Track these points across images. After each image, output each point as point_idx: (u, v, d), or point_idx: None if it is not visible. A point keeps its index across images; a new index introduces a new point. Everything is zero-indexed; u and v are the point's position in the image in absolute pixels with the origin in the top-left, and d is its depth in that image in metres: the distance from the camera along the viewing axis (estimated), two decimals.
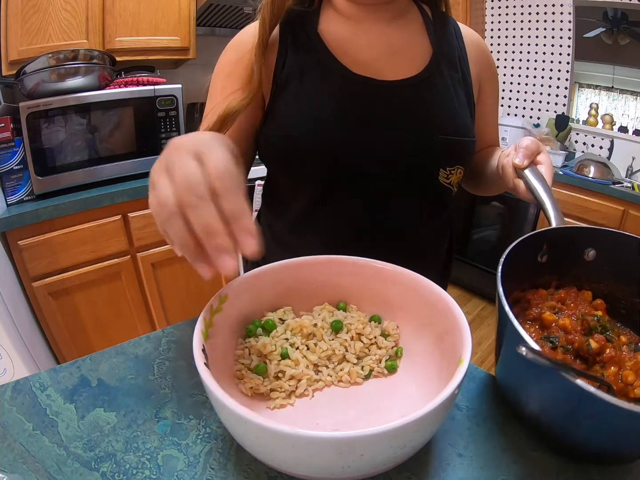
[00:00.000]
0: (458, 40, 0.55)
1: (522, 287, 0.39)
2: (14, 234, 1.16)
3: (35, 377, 0.40)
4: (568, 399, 0.27)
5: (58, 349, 1.33)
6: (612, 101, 1.94)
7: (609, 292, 0.39)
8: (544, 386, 0.29)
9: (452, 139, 0.51)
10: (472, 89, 0.55)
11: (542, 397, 0.30)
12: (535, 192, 0.43)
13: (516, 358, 0.30)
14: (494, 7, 2.26)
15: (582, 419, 0.28)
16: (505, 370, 0.35)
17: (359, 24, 0.52)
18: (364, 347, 0.38)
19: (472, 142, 0.54)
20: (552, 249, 0.39)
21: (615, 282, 0.39)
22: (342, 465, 0.25)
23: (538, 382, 0.29)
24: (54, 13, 1.27)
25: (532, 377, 0.29)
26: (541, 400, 0.31)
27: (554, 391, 0.28)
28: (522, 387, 0.32)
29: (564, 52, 2.04)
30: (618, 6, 1.77)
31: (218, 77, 0.54)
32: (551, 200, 0.42)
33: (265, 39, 0.48)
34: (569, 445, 0.31)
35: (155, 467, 0.31)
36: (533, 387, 0.31)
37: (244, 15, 1.65)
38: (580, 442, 0.30)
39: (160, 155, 0.31)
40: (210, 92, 0.54)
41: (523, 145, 0.45)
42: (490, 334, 1.91)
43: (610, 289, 0.39)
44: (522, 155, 0.45)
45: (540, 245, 0.39)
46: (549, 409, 0.30)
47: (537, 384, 0.29)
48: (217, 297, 0.35)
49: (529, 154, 0.45)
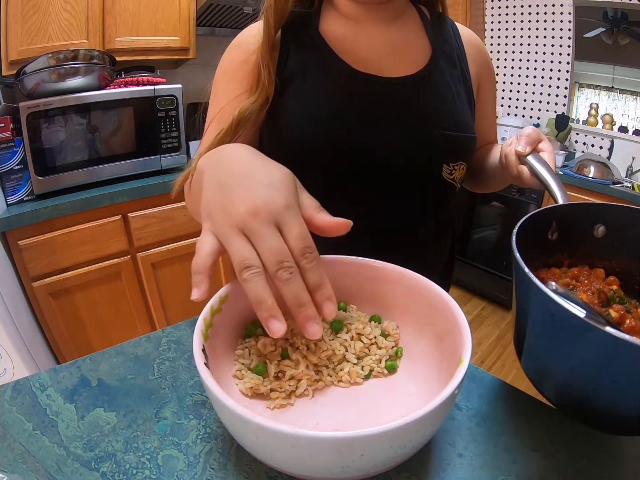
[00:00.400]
0: (456, 39, 0.56)
1: (535, 267, 0.38)
2: (14, 234, 1.16)
3: (35, 377, 0.40)
4: (599, 351, 0.26)
5: (58, 349, 1.33)
6: (612, 101, 1.94)
7: (621, 269, 0.38)
8: (574, 343, 0.27)
9: (453, 135, 0.51)
10: (472, 86, 0.56)
11: (571, 356, 0.29)
12: (540, 175, 0.43)
13: (544, 321, 0.29)
14: (494, 7, 2.26)
15: (614, 373, 0.26)
16: (534, 339, 0.33)
17: (359, 24, 0.53)
18: (364, 347, 0.38)
19: (472, 139, 0.54)
20: (561, 226, 0.39)
21: (627, 258, 0.38)
22: (342, 465, 0.25)
23: (567, 340, 0.28)
24: (54, 13, 1.27)
25: (561, 334, 0.28)
26: (571, 361, 0.29)
27: (584, 346, 0.27)
28: (550, 350, 0.30)
29: (564, 52, 2.04)
30: (618, 6, 1.77)
31: (222, 79, 0.53)
32: (556, 181, 0.42)
33: (270, 40, 0.49)
34: (597, 411, 0.30)
35: (155, 467, 0.31)
36: (562, 347, 0.29)
37: (244, 15, 1.65)
38: (608, 405, 0.28)
39: (218, 197, 0.33)
40: (215, 94, 0.54)
41: (525, 134, 0.46)
42: (490, 334, 1.91)
43: (622, 265, 0.39)
44: (524, 142, 0.45)
45: (550, 222, 0.38)
46: (579, 369, 0.29)
47: (567, 343, 0.28)
48: (217, 297, 0.35)
49: (530, 142, 0.46)
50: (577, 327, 0.26)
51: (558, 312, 0.26)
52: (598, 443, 0.33)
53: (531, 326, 0.32)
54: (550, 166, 0.44)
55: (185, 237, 1.49)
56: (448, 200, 0.58)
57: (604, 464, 0.31)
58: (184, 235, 1.49)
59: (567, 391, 0.31)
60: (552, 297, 0.26)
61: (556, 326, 0.27)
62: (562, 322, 0.26)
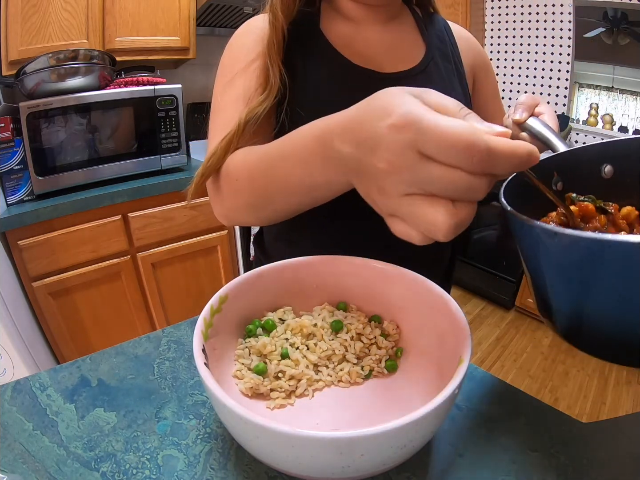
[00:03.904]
0: (448, 35, 0.59)
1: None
2: (14, 234, 1.16)
3: (35, 377, 0.40)
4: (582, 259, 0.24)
5: (58, 349, 1.33)
6: (612, 101, 1.94)
7: (638, 206, 0.36)
8: (545, 254, 0.27)
9: None
10: (466, 78, 0.59)
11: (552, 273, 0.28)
12: (540, 135, 0.41)
13: (536, 251, 0.28)
14: (494, 7, 2.26)
15: (603, 282, 0.25)
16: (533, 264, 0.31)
17: (358, 24, 0.55)
18: (364, 347, 0.38)
19: None
20: (564, 174, 0.36)
21: None
22: (342, 465, 0.25)
23: (559, 256, 0.26)
24: (54, 13, 1.27)
25: (550, 253, 0.27)
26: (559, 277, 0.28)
27: (550, 254, 0.26)
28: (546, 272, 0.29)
29: (564, 52, 2.03)
30: (618, 6, 1.77)
31: (235, 63, 0.51)
32: (556, 135, 0.40)
33: (278, 39, 0.48)
34: (588, 332, 0.28)
35: (155, 467, 0.31)
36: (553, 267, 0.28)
37: (244, 15, 1.65)
38: (601, 324, 0.27)
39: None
40: (222, 85, 0.52)
41: (520, 102, 0.45)
42: (490, 334, 1.91)
43: (639, 201, 0.35)
44: (520, 110, 0.45)
45: (551, 173, 0.36)
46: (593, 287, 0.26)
47: (558, 260, 0.26)
48: (217, 297, 0.35)
49: (526, 108, 0.45)
50: (535, 236, 0.26)
51: (531, 232, 0.26)
52: (598, 443, 0.33)
53: (536, 265, 0.30)
54: (549, 125, 0.42)
55: (185, 237, 1.49)
56: None
57: (604, 464, 0.31)
58: (184, 235, 1.48)
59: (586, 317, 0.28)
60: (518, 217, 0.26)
61: (540, 249, 0.27)
62: (538, 240, 0.26)
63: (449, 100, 0.24)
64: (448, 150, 0.22)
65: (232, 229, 1.59)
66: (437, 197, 0.24)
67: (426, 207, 0.24)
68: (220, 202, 0.48)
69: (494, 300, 2.13)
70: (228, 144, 0.45)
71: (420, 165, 0.23)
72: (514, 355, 1.76)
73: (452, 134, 0.22)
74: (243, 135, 0.45)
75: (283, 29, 0.49)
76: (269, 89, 0.48)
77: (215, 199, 0.48)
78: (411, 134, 0.23)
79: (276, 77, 0.48)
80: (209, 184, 0.49)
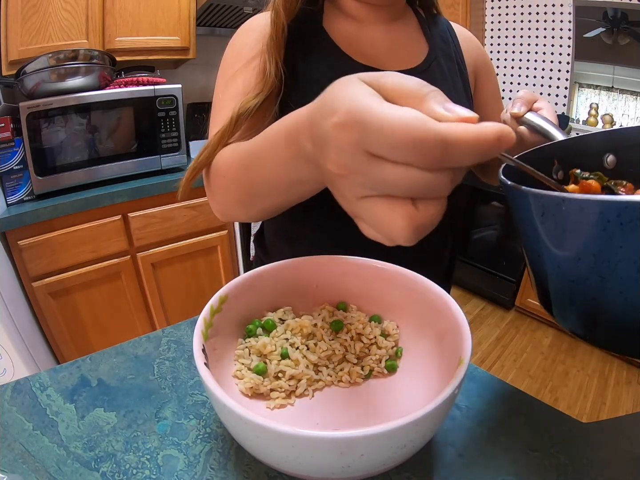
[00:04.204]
0: (451, 35, 0.60)
1: None
2: (14, 234, 1.16)
3: (35, 377, 0.40)
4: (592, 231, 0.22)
5: (58, 349, 1.33)
6: (612, 101, 1.94)
7: None
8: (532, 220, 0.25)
9: None
10: (468, 78, 0.59)
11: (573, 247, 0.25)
12: (539, 127, 0.41)
13: (532, 222, 0.26)
14: (494, 7, 2.26)
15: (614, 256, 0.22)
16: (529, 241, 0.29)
17: (361, 23, 0.55)
18: (364, 347, 0.38)
19: None
20: (565, 164, 0.34)
21: None
22: (342, 465, 0.25)
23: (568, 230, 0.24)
24: (54, 13, 1.27)
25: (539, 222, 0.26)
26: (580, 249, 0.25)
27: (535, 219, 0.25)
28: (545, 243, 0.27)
29: (564, 52, 2.03)
30: (618, 6, 1.77)
31: (237, 60, 0.52)
32: (556, 127, 0.39)
33: (279, 35, 0.48)
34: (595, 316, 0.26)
35: (155, 467, 0.31)
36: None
37: (244, 15, 1.65)
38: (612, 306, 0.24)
39: None
40: (223, 82, 0.52)
41: (518, 97, 0.45)
42: (490, 334, 1.91)
43: None
44: (519, 104, 0.44)
45: (551, 162, 0.35)
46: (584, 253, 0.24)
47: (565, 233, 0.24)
48: (217, 297, 0.35)
49: (525, 102, 0.44)
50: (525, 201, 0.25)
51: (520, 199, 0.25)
52: (598, 443, 0.33)
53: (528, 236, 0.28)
54: (549, 119, 0.42)
55: (185, 237, 1.49)
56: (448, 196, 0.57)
57: (604, 464, 0.31)
58: (184, 235, 1.48)
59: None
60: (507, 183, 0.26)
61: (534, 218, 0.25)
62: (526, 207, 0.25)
63: (410, 81, 0.22)
64: (395, 148, 0.19)
65: (232, 229, 1.59)
66: (396, 198, 0.22)
67: (384, 210, 0.22)
68: (213, 198, 0.48)
69: (494, 300, 2.13)
70: (220, 138, 0.45)
71: (370, 166, 0.21)
72: (514, 355, 1.76)
73: (398, 129, 0.19)
74: (235, 129, 0.45)
75: (284, 26, 0.49)
76: (263, 84, 0.48)
77: (209, 195, 0.49)
78: (356, 133, 0.20)
79: (271, 73, 0.47)
80: (204, 180, 0.49)
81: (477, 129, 0.19)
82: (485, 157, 0.20)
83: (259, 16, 0.54)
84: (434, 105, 0.20)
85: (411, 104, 0.21)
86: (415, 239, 0.22)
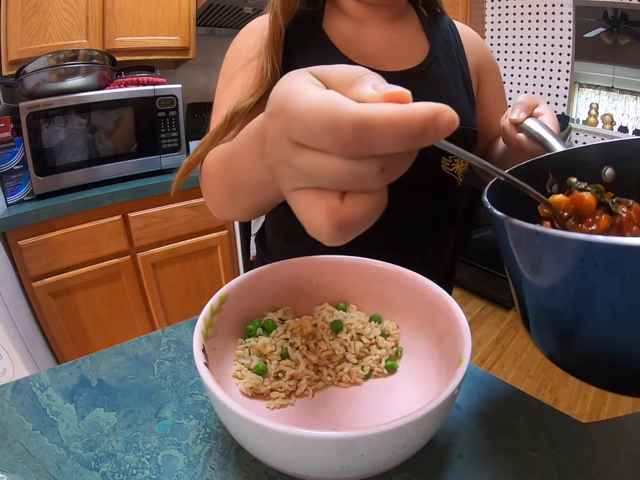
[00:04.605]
0: (454, 35, 0.59)
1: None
2: (14, 234, 1.16)
3: (35, 377, 0.40)
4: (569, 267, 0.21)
5: (58, 349, 1.33)
6: (612, 101, 1.94)
7: None
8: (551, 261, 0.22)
9: None
10: (471, 79, 0.58)
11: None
12: (537, 136, 0.40)
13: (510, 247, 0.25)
14: (494, 7, 2.26)
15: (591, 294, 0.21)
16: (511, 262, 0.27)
17: (361, 23, 0.55)
18: (364, 347, 0.38)
19: (473, 132, 0.55)
20: (560, 176, 0.32)
21: None
22: (342, 465, 0.25)
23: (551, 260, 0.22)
24: (54, 13, 1.27)
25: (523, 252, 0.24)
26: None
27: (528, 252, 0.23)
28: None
29: (564, 52, 2.03)
30: (618, 6, 1.77)
31: (237, 61, 0.52)
32: (554, 136, 0.38)
33: (277, 36, 0.49)
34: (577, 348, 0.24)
35: (155, 467, 0.31)
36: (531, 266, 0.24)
37: (244, 15, 1.65)
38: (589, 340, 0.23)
39: None
40: (224, 82, 0.53)
41: (518, 101, 0.44)
42: (490, 334, 1.91)
43: None
44: (518, 109, 0.43)
45: (545, 174, 0.33)
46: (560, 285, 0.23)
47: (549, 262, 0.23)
48: (217, 297, 0.35)
49: (524, 108, 0.43)
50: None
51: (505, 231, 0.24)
52: (598, 443, 0.33)
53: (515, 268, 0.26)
54: (548, 126, 0.41)
55: (185, 237, 1.49)
56: (449, 196, 0.57)
57: (604, 464, 0.31)
58: (184, 235, 1.48)
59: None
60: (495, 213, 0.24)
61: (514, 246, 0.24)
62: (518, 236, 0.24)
63: (353, 69, 0.20)
64: (312, 133, 0.18)
65: (232, 229, 1.59)
66: (324, 190, 0.20)
67: (308, 203, 0.20)
68: (206, 197, 0.48)
69: (494, 300, 2.13)
70: (215, 136, 0.45)
71: (295, 155, 0.19)
72: (514, 355, 1.76)
73: (313, 112, 0.17)
74: (230, 128, 0.45)
75: (281, 28, 0.49)
76: (259, 84, 0.48)
77: (203, 194, 0.49)
78: (281, 120, 0.19)
79: (267, 73, 0.48)
80: (200, 179, 0.49)
81: (401, 109, 0.17)
82: (418, 142, 0.17)
83: (261, 18, 0.54)
84: (363, 86, 0.19)
85: (343, 89, 0.19)
86: (338, 236, 0.20)
